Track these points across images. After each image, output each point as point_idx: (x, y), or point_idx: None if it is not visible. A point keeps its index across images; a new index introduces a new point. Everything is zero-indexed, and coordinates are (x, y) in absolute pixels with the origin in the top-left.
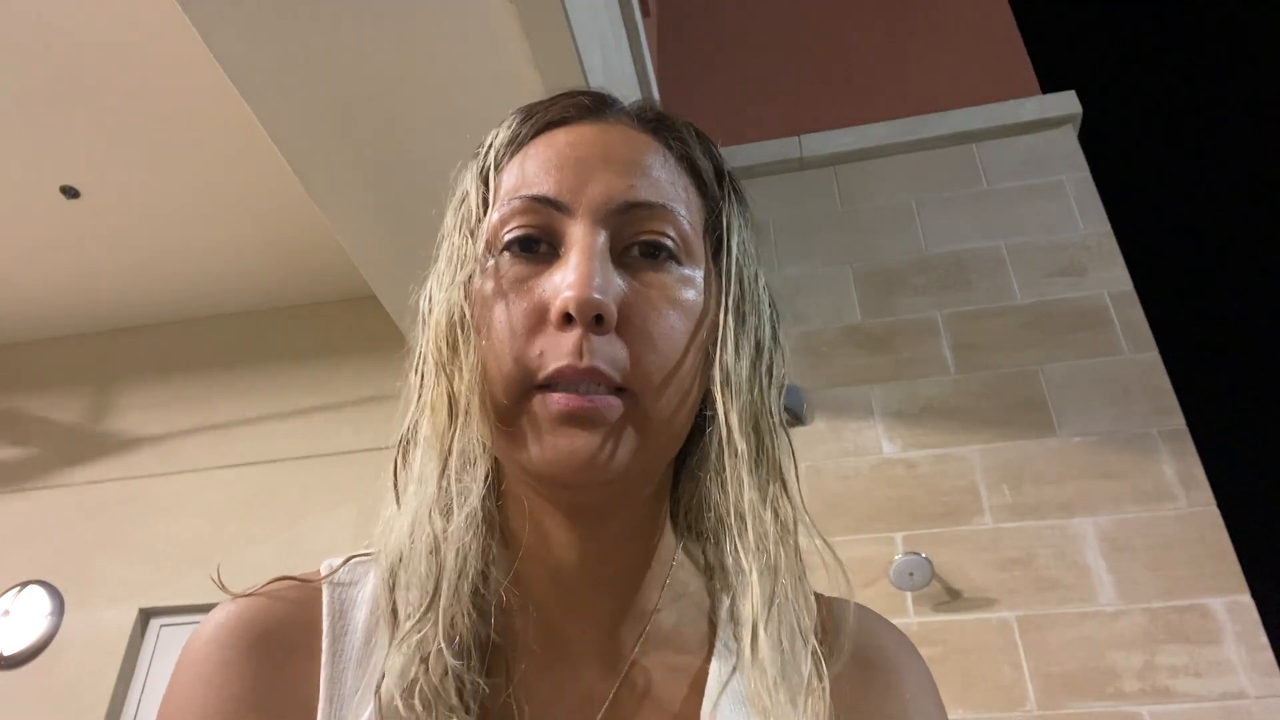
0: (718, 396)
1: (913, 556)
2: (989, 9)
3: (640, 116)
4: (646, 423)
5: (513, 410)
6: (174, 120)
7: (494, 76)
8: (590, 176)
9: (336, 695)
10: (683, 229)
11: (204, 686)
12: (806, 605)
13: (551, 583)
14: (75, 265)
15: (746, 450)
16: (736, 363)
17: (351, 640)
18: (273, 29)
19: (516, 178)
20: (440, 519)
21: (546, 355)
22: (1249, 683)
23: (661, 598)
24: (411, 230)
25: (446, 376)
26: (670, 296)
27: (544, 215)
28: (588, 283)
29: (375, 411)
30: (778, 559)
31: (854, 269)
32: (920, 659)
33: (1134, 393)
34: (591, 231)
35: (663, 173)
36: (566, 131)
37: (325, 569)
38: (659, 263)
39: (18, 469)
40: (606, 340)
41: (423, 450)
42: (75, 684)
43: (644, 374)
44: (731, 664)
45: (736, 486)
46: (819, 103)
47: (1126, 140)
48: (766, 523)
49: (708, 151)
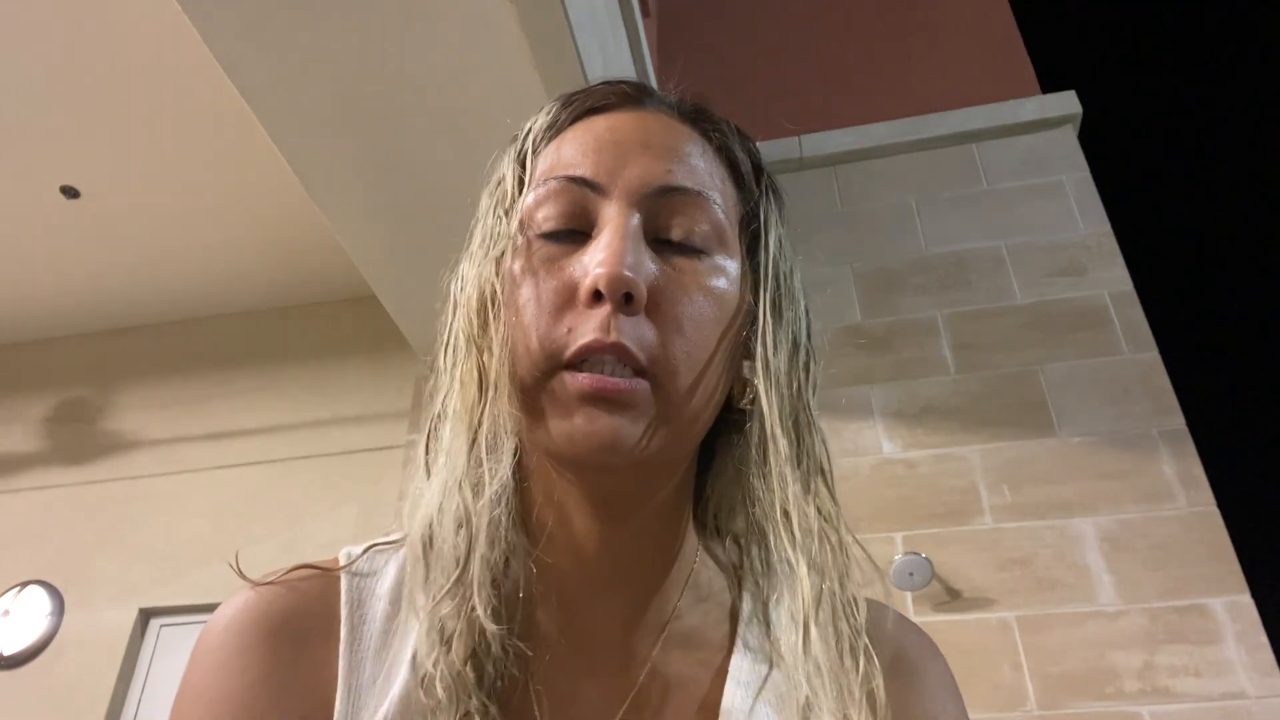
0: (760, 390)
1: (913, 556)
2: (989, 9)
3: (679, 108)
4: (670, 408)
5: (538, 388)
6: (174, 120)
7: (494, 76)
8: (627, 160)
9: (354, 684)
10: (717, 218)
11: (222, 673)
12: (856, 602)
13: (574, 574)
14: (75, 265)
15: (788, 446)
16: (775, 356)
17: (370, 630)
18: (273, 30)
19: (553, 160)
20: (470, 492)
21: (574, 332)
22: (1249, 683)
23: (683, 596)
24: (411, 230)
25: (477, 350)
26: (702, 284)
27: (579, 195)
28: (619, 260)
29: (375, 411)
30: (823, 556)
31: (854, 269)
32: (943, 660)
33: (1134, 393)
34: (625, 212)
35: (700, 161)
36: (606, 118)
37: (344, 558)
38: (692, 250)
39: (18, 469)
40: (635, 321)
41: (452, 425)
42: (75, 684)
43: (670, 358)
44: (753, 662)
45: (780, 483)
46: (819, 103)
47: (1126, 140)
48: (811, 519)
49: (746, 147)
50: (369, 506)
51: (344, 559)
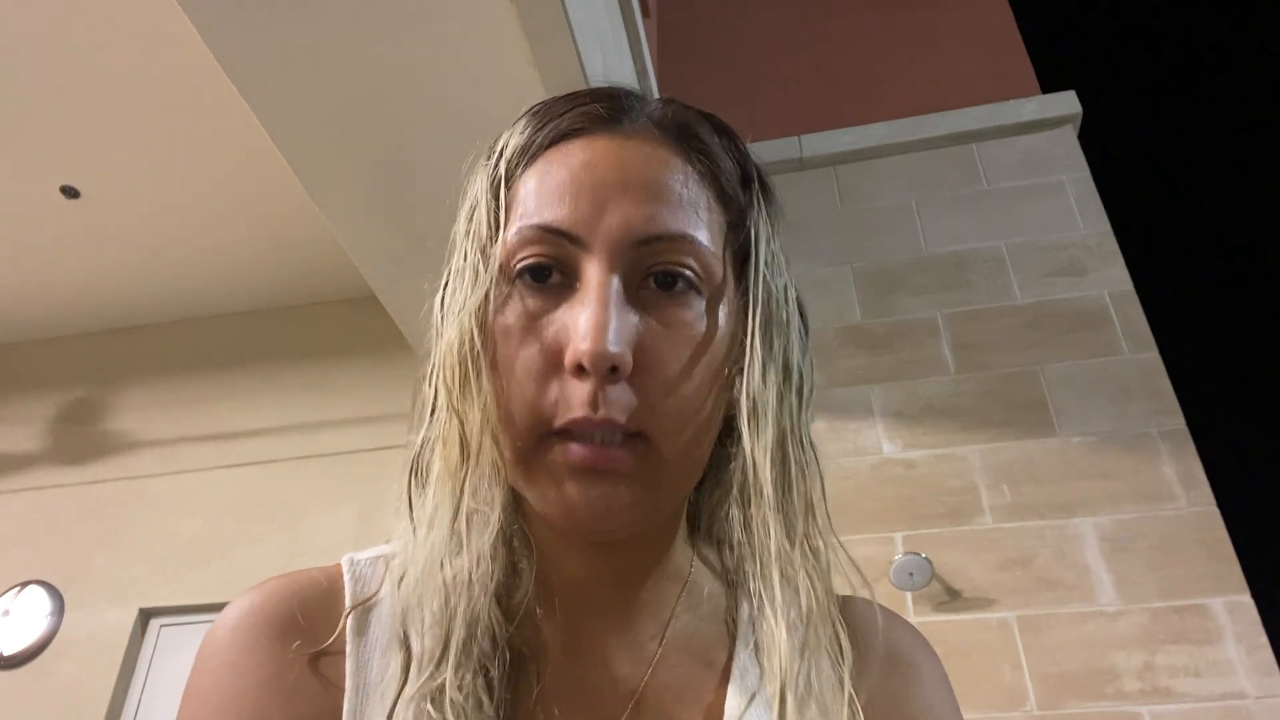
0: (744, 430)
1: (913, 556)
2: (989, 9)
3: (660, 125)
4: (663, 467)
5: (529, 453)
6: (174, 120)
7: (494, 76)
8: (606, 205)
9: (362, 684)
10: (704, 257)
11: (231, 673)
12: (841, 648)
13: (571, 588)
14: (75, 265)
15: (772, 492)
16: (764, 392)
17: (376, 628)
18: (273, 30)
19: (530, 200)
20: (450, 568)
21: (561, 405)
22: (1249, 683)
23: (679, 603)
24: (411, 230)
25: (458, 416)
26: (688, 335)
27: (557, 246)
28: (602, 335)
29: (375, 411)
30: (809, 606)
31: (854, 269)
32: (936, 657)
33: (1134, 393)
34: (607, 274)
35: (685, 191)
36: (582, 147)
37: (347, 565)
38: (675, 295)
39: (18, 469)
40: (621, 388)
41: (435, 488)
42: (75, 684)
43: (661, 419)
44: (752, 664)
45: (762, 530)
46: (819, 103)
47: (1126, 140)
48: (796, 565)
49: (734, 153)
50: (369, 506)
51: (347, 566)
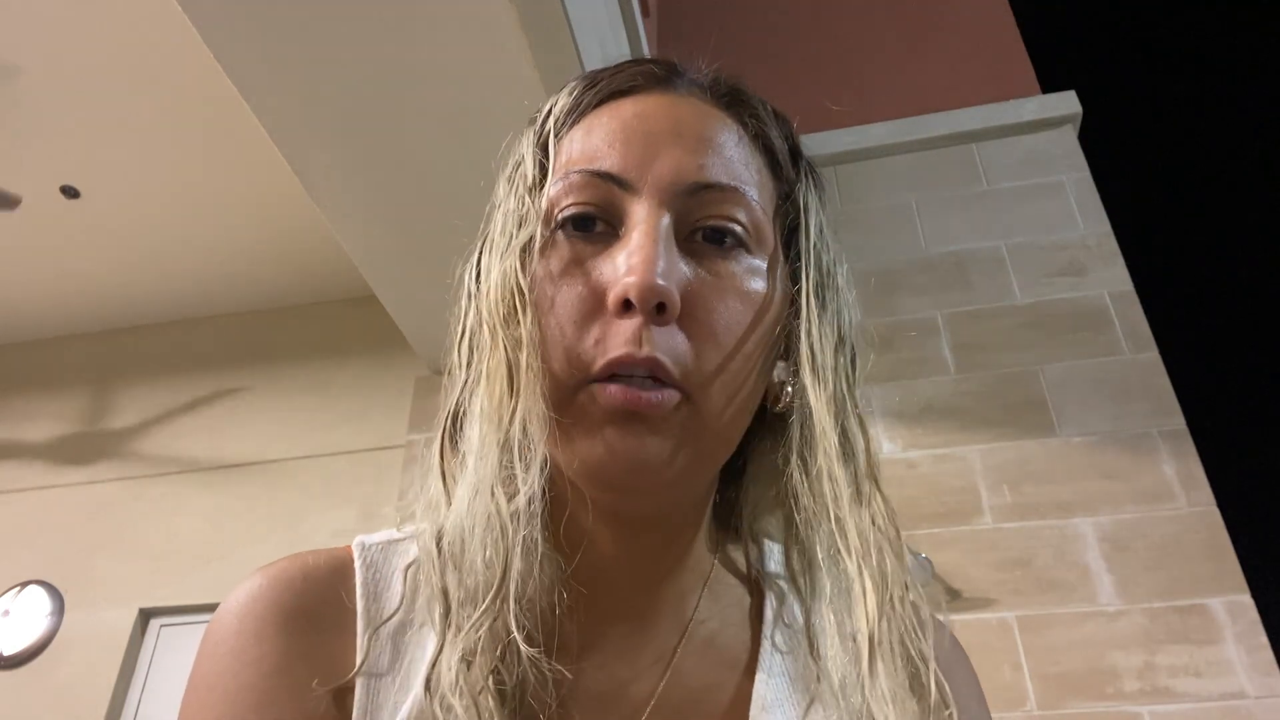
0: (806, 384)
1: (912, 557)
2: (989, 9)
3: (713, 89)
4: (703, 425)
5: (564, 402)
6: (174, 120)
7: (493, 76)
8: (658, 152)
9: (373, 673)
10: (754, 213)
11: (237, 661)
12: (921, 622)
13: (595, 582)
14: (75, 265)
15: (837, 443)
16: (822, 349)
17: (387, 616)
18: (273, 29)
19: (578, 149)
20: (504, 499)
21: (602, 344)
22: (1249, 683)
23: (702, 600)
24: (411, 230)
25: (505, 345)
26: (738, 287)
27: (605, 191)
28: (650, 268)
29: (375, 411)
30: (882, 565)
31: (853, 269)
32: (968, 661)
33: (1134, 393)
34: (656, 212)
35: (736, 151)
36: (634, 102)
37: (358, 548)
38: (726, 250)
39: (18, 469)
40: (667, 331)
41: (480, 423)
42: (75, 684)
43: (705, 371)
44: (782, 663)
45: (831, 484)
46: (818, 102)
47: (1126, 140)
48: (866, 524)
49: (784, 131)
50: (369, 506)
51: (358, 549)
